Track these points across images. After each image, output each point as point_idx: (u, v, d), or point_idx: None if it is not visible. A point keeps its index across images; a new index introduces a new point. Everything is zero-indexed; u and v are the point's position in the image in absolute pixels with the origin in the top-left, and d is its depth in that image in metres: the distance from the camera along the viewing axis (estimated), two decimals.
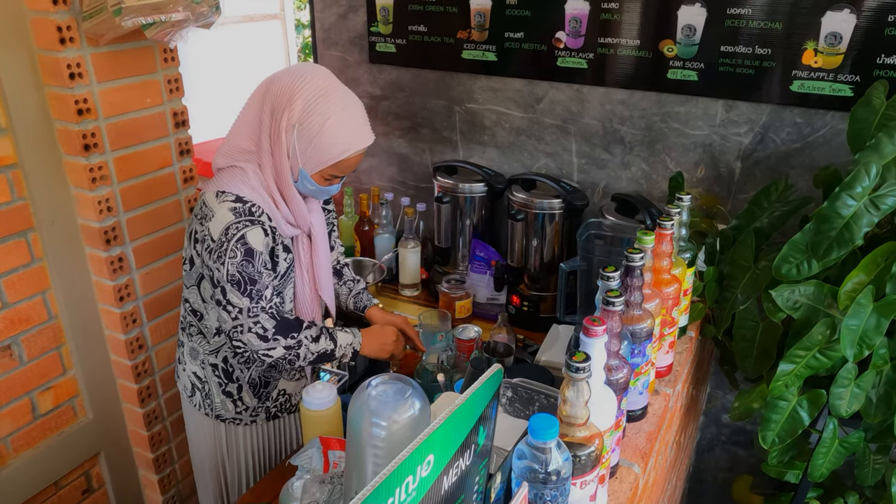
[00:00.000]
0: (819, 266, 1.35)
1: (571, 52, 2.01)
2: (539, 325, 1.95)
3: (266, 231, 1.38)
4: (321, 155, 1.35)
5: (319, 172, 1.38)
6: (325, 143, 1.33)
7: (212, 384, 1.56)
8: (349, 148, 1.35)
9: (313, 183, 1.39)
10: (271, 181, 1.40)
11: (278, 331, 1.39)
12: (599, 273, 1.09)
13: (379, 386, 0.66)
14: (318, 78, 1.35)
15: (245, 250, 1.33)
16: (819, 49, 1.69)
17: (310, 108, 1.32)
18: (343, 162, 1.37)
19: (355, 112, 1.36)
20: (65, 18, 1.58)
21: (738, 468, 2.23)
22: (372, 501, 0.51)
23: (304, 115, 1.32)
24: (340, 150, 1.34)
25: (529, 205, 1.98)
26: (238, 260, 1.33)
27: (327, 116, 1.32)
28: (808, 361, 1.37)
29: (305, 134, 1.33)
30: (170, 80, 1.86)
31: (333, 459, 1.26)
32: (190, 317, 1.53)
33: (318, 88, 1.33)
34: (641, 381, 1.21)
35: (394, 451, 0.66)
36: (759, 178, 1.87)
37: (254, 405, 1.59)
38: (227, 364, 1.54)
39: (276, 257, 1.44)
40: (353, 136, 1.35)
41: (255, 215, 1.36)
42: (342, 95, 1.36)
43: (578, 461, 0.89)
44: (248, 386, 1.57)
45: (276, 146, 1.36)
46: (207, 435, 1.64)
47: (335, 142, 1.33)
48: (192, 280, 1.49)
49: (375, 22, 2.30)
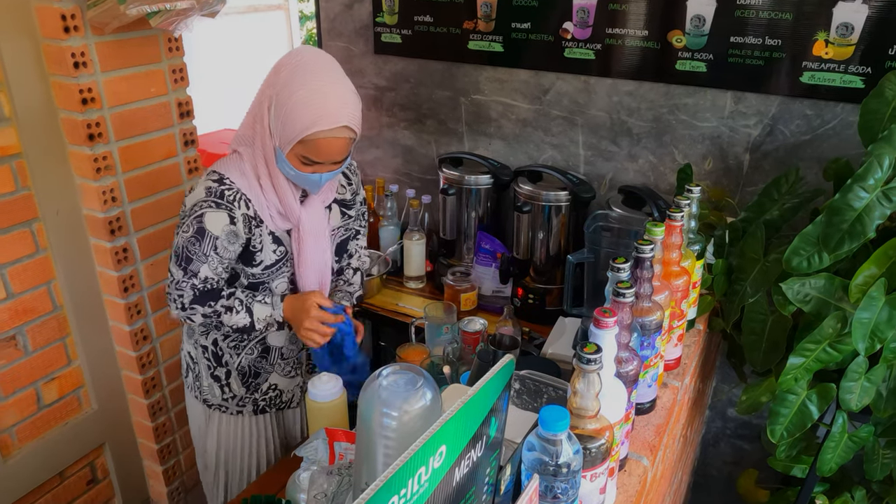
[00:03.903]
0: (830, 259, 1.34)
1: (579, 42, 1.99)
2: (544, 318, 1.94)
3: (233, 218, 1.36)
4: (287, 130, 1.30)
5: (293, 152, 1.32)
6: (291, 116, 1.28)
7: (202, 366, 1.57)
8: (312, 124, 1.27)
9: (291, 166, 1.34)
10: (262, 166, 1.38)
11: (194, 302, 1.39)
12: (609, 264, 1.08)
13: (390, 376, 0.65)
14: (307, 54, 1.33)
15: (197, 229, 1.34)
16: (830, 40, 1.67)
17: (287, 80, 1.29)
18: (313, 142, 1.30)
19: (331, 90, 1.29)
20: (69, 7, 1.56)
21: (744, 462, 2.22)
22: (385, 492, 0.50)
23: (280, 87, 1.29)
24: (304, 125, 1.27)
25: (536, 197, 1.96)
26: (188, 235, 1.34)
27: (298, 88, 1.27)
28: (819, 355, 1.36)
29: (279, 107, 1.30)
30: (174, 69, 1.85)
31: (339, 451, 1.25)
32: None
33: (301, 62, 1.30)
34: (650, 373, 1.20)
35: (404, 443, 0.65)
36: (768, 171, 1.86)
37: (241, 394, 1.58)
38: (216, 347, 1.54)
39: (255, 247, 1.42)
40: (319, 113, 1.27)
41: (227, 199, 1.35)
42: (325, 73, 1.30)
43: (589, 453, 0.89)
44: (238, 373, 1.56)
45: (260, 123, 1.35)
46: (200, 419, 1.65)
47: (300, 116, 1.27)
48: None
49: (381, 12, 2.28)
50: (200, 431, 1.66)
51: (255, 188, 1.39)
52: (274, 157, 1.36)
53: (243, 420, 1.62)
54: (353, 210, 1.62)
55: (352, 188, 1.61)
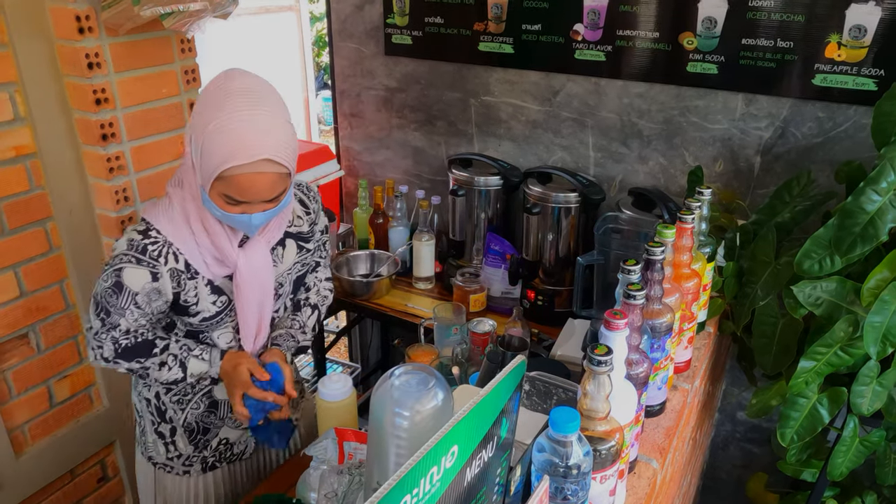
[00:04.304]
0: (842, 262, 1.33)
1: (589, 44, 1.99)
2: (553, 320, 1.94)
3: (156, 275, 1.22)
4: (205, 165, 1.13)
5: (214, 190, 1.15)
6: (208, 149, 1.11)
7: (146, 420, 1.43)
8: (228, 158, 1.09)
9: (216, 207, 1.17)
10: (192, 208, 1.23)
11: (119, 356, 1.28)
12: (620, 266, 1.08)
13: (402, 376, 0.65)
14: (232, 79, 1.15)
15: (115, 282, 1.21)
16: (843, 42, 1.67)
17: (204, 109, 1.13)
18: (232, 178, 1.12)
19: (252, 119, 1.10)
20: (83, 8, 1.58)
21: (753, 466, 2.21)
22: (398, 491, 0.51)
23: (198, 117, 1.14)
24: (219, 159, 1.10)
25: (545, 198, 1.96)
26: (106, 286, 1.22)
27: (214, 117, 1.10)
28: (830, 359, 1.35)
29: (196, 139, 1.14)
30: (187, 70, 1.86)
31: (349, 451, 1.25)
32: None
33: (222, 88, 1.13)
34: (660, 376, 1.19)
35: (416, 442, 0.65)
36: (779, 174, 1.85)
37: (188, 453, 1.42)
38: (159, 401, 1.40)
39: (187, 301, 1.27)
40: (235, 145, 1.09)
41: (151, 255, 1.22)
42: (247, 100, 1.12)
43: (599, 455, 0.88)
44: (184, 430, 1.40)
45: (186, 159, 1.22)
46: (147, 478, 1.49)
47: (215, 149, 1.10)
48: None
49: (392, 13, 2.29)
50: (146, 491, 1.51)
51: (186, 235, 1.24)
52: (200, 196, 1.21)
53: (190, 480, 1.46)
54: (312, 243, 1.45)
55: (310, 218, 1.44)
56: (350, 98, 2.50)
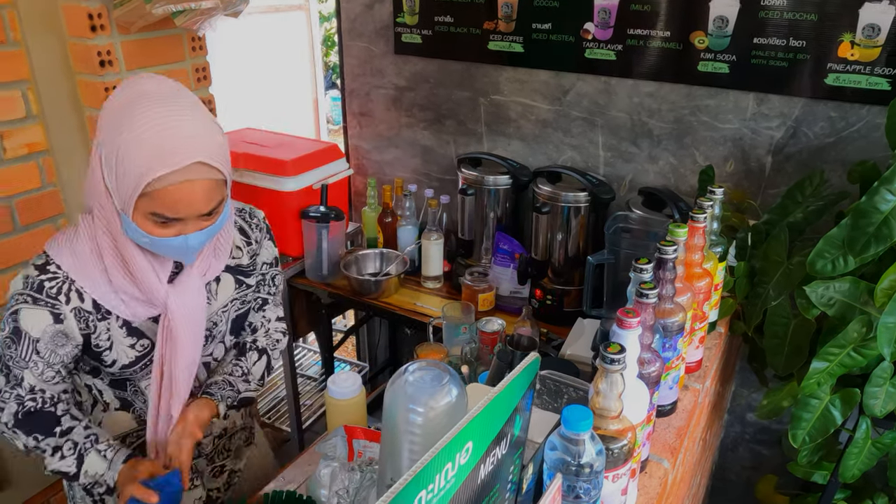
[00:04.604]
0: (855, 262, 1.32)
1: (600, 43, 1.99)
2: (562, 320, 1.93)
3: (59, 315, 1.07)
4: (123, 182, 0.98)
5: (139, 211, 1.00)
6: (125, 163, 0.97)
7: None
8: (152, 167, 0.96)
9: (143, 232, 1.01)
10: (105, 239, 1.06)
11: (18, 424, 1.09)
12: (632, 265, 1.08)
13: (416, 372, 0.65)
14: (141, 84, 1.02)
15: (13, 328, 1.06)
16: (856, 41, 1.66)
17: (114, 121, 0.99)
18: (159, 192, 0.98)
19: (174, 122, 0.98)
20: (96, 6, 1.59)
21: (763, 468, 2.20)
22: (413, 487, 0.50)
23: (107, 130, 1.00)
24: (141, 170, 0.96)
25: (555, 197, 1.96)
26: (3, 336, 1.07)
27: (128, 127, 0.97)
28: (842, 359, 1.34)
29: (109, 156, 0.99)
30: (198, 68, 1.87)
31: (358, 448, 1.25)
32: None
33: (127, 97, 1.00)
34: (672, 375, 1.19)
35: (430, 439, 0.65)
36: (791, 174, 1.84)
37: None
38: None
39: (99, 346, 1.11)
40: (158, 151, 0.96)
41: (48, 293, 1.06)
42: (163, 103, 0.99)
43: (611, 454, 0.88)
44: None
45: (95, 182, 1.04)
46: None
47: (135, 160, 0.96)
48: None
49: (401, 12, 2.29)
50: None
51: (92, 271, 1.07)
52: (119, 223, 1.04)
53: None
54: (253, 277, 1.28)
55: (251, 249, 1.26)
56: (359, 97, 2.51)
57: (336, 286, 2.24)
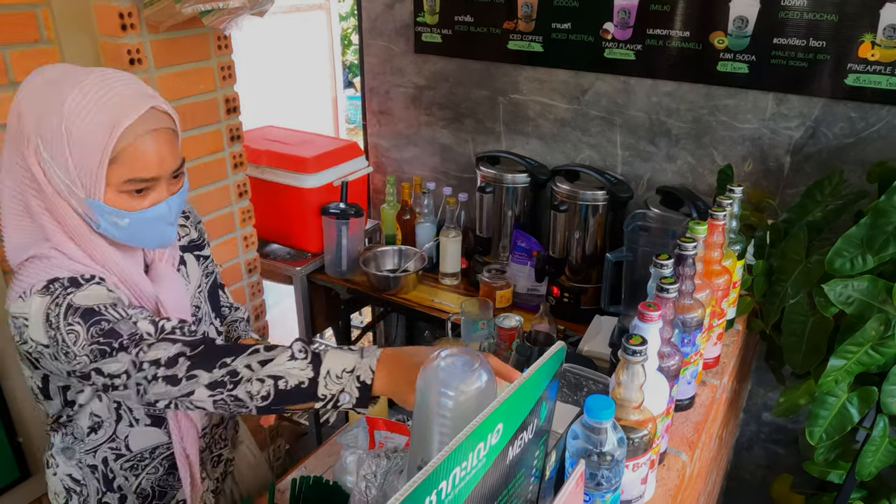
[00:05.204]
0: (874, 261, 1.33)
1: (619, 43, 2.00)
2: (579, 317, 1.95)
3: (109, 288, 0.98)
4: (86, 158, 0.90)
5: (112, 186, 0.93)
6: (82, 135, 0.90)
7: (90, 489, 1.15)
8: (117, 121, 0.90)
9: (120, 213, 0.95)
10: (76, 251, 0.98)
11: (197, 363, 0.87)
12: (652, 261, 1.10)
13: (447, 358, 0.68)
14: (37, 76, 0.94)
15: (82, 315, 0.91)
16: (877, 42, 1.66)
17: (39, 110, 0.91)
18: (130, 149, 0.92)
19: (102, 83, 0.92)
20: (126, 5, 1.62)
21: (778, 467, 2.20)
22: (448, 464, 0.53)
23: (38, 125, 0.91)
24: (104, 131, 0.90)
25: (573, 196, 1.98)
26: (83, 334, 0.90)
27: (62, 105, 0.90)
28: (860, 357, 1.35)
29: (55, 143, 0.90)
30: (223, 66, 1.91)
31: (380, 439, 1.28)
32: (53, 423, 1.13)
33: (38, 85, 0.93)
34: (690, 370, 1.20)
35: (460, 422, 0.68)
36: (810, 174, 1.85)
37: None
38: (106, 467, 1.13)
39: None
40: (115, 103, 0.91)
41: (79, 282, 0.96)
42: (77, 76, 0.92)
43: (632, 443, 0.90)
44: (137, 497, 1.16)
45: (41, 195, 0.94)
46: None
47: (94, 125, 0.90)
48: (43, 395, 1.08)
49: (422, 12, 2.32)
50: None
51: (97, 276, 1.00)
52: (84, 225, 0.97)
53: None
54: (207, 248, 1.26)
55: (192, 219, 1.25)
56: (379, 95, 2.54)
57: (355, 282, 2.27)
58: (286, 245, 2.41)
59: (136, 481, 1.16)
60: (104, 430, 1.10)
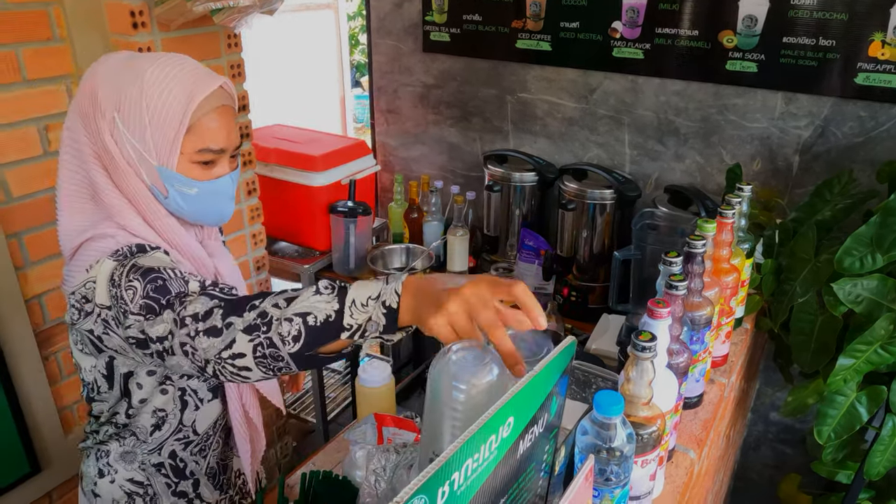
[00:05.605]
0: (883, 260, 1.33)
1: (628, 42, 2.00)
2: (587, 316, 1.95)
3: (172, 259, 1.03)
4: (166, 127, 0.97)
5: (185, 155, 0.99)
6: (158, 108, 0.96)
7: (158, 486, 1.17)
8: (192, 96, 0.96)
9: (190, 182, 1.01)
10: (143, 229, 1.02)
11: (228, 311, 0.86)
12: (661, 258, 1.10)
13: (459, 351, 0.68)
14: (109, 59, 1.01)
15: (142, 273, 0.93)
16: (887, 41, 1.66)
17: (118, 85, 0.97)
18: (206, 118, 0.99)
19: (175, 60, 1.00)
20: (137, 3, 1.63)
21: (786, 467, 2.20)
22: (461, 455, 0.53)
23: (117, 98, 0.96)
24: (183, 104, 0.96)
25: (581, 195, 1.98)
26: (139, 291, 0.92)
27: (140, 78, 0.96)
28: (869, 356, 1.35)
29: (132, 117, 0.96)
30: (233, 65, 1.92)
31: (388, 436, 1.29)
32: (112, 428, 1.13)
33: (113, 65, 0.99)
34: (699, 368, 1.21)
35: (471, 415, 0.68)
36: (818, 173, 1.84)
37: (215, 499, 1.23)
38: (175, 460, 1.16)
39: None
40: (192, 79, 0.98)
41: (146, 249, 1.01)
42: (150, 55, 1.01)
43: (640, 440, 0.90)
44: (208, 478, 1.21)
45: (113, 170, 0.99)
46: None
47: (170, 99, 0.96)
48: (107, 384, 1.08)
49: (430, 11, 2.32)
50: None
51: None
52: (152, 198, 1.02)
53: None
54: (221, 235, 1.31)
55: None
56: (387, 94, 2.54)
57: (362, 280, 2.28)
58: (294, 243, 2.42)
59: (204, 462, 1.20)
60: (168, 425, 1.12)
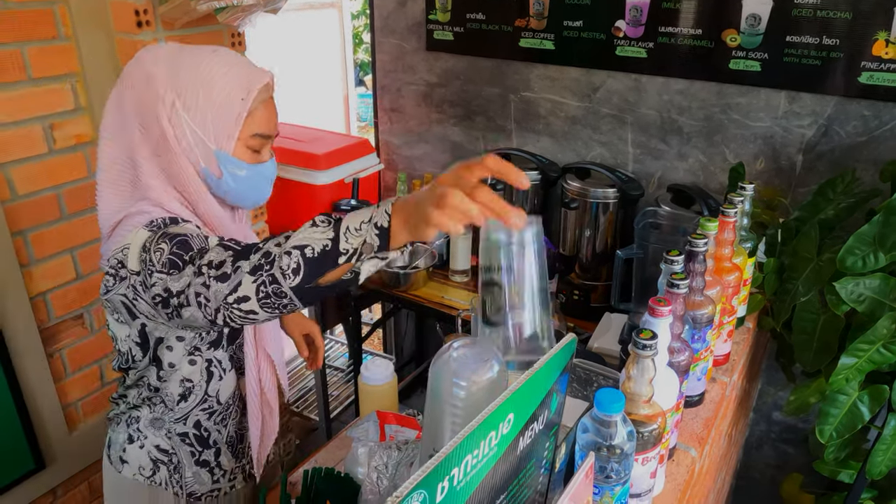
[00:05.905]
0: (886, 259, 1.33)
1: (631, 41, 2.00)
2: (589, 315, 1.95)
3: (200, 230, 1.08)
4: (228, 111, 1.03)
5: (241, 142, 1.06)
6: (222, 93, 1.02)
7: (182, 455, 1.23)
8: (251, 83, 1.04)
9: (242, 164, 1.07)
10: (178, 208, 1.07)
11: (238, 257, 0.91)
12: (663, 257, 1.10)
13: (460, 349, 0.68)
14: (157, 50, 1.06)
15: (170, 238, 0.99)
16: (891, 40, 1.65)
17: (177, 71, 1.02)
18: (259, 108, 1.06)
19: (231, 52, 1.08)
20: (142, 2, 1.64)
21: (788, 467, 2.20)
22: (460, 451, 0.54)
23: (175, 83, 1.01)
24: (244, 89, 1.03)
25: (584, 193, 1.98)
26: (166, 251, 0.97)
27: (198, 65, 1.02)
28: (872, 356, 1.35)
29: (194, 100, 1.01)
30: None
31: (390, 433, 1.29)
32: (145, 391, 1.19)
33: (165, 54, 1.04)
34: (700, 366, 1.21)
35: (471, 412, 0.68)
36: (822, 172, 1.84)
37: (231, 466, 1.31)
38: (199, 429, 1.23)
39: None
40: (249, 69, 1.06)
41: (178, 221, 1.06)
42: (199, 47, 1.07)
43: (641, 437, 0.91)
44: (228, 446, 1.28)
45: (164, 151, 1.03)
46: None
47: (231, 85, 1.02)
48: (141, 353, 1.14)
49: (434, 10, 2.32)
50: None
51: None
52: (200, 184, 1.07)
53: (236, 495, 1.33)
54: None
55: None
56: (390, 93, 2.55)
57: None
58: None
59: (225, 431, 1.26)
60: (194, 395, 1.19)
